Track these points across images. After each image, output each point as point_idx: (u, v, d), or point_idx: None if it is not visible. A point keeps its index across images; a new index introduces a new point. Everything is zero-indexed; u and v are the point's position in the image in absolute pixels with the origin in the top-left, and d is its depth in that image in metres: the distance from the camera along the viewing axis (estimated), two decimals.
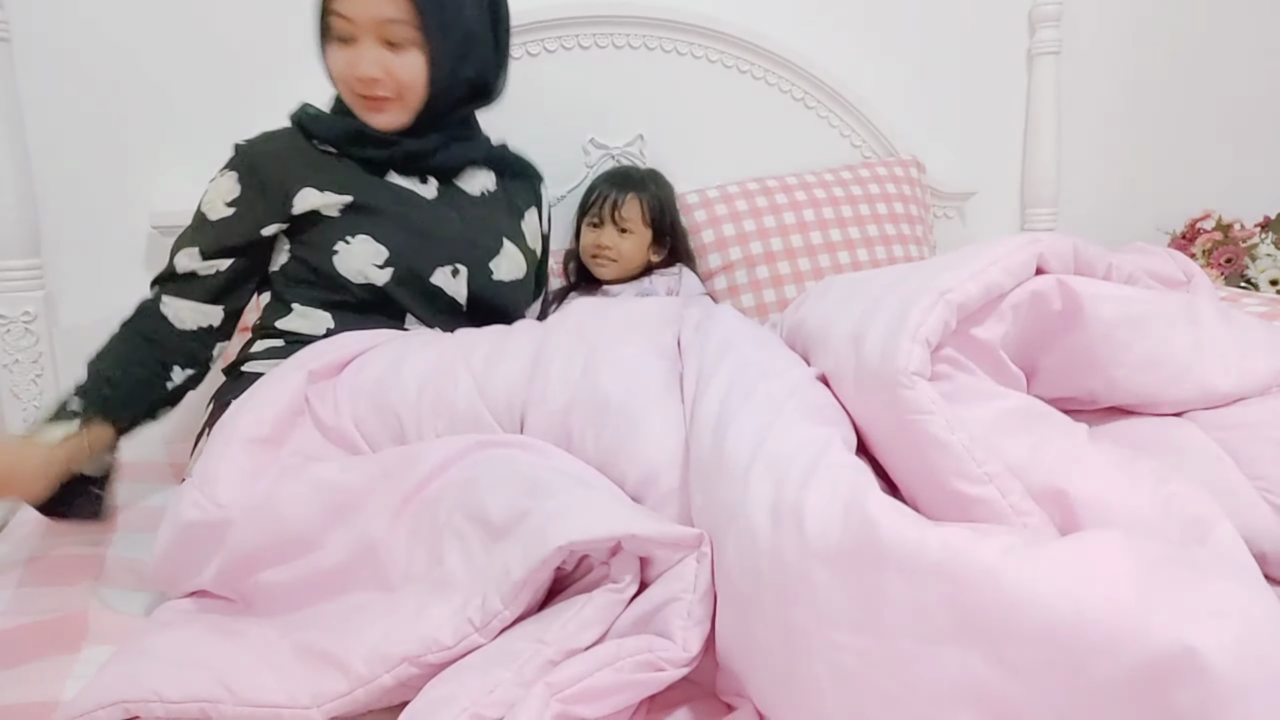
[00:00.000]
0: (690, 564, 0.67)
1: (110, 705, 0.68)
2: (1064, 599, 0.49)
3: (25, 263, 1.45)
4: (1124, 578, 0.50)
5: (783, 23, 1.85)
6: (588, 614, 0.66)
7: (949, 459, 0.65)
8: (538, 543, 0.67)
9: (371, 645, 0.68)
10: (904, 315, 0.70)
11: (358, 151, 1.20)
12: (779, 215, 1.72)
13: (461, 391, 0.91)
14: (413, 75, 1.15)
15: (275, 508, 0.81)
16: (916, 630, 0.53)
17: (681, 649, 0.65)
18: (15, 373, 1.45)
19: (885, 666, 0.54)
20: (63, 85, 1.49)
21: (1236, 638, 0.46)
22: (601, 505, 0.71)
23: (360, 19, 1.12)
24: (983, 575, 0.51)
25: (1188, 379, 0.76)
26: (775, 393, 0.75)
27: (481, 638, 0.67)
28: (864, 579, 0.56)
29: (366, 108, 1.18)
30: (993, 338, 0.74)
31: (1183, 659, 0.45)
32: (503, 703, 0.61)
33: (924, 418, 0.66)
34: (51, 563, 0.98)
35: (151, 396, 1.14)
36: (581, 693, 0.61)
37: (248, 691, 0.67)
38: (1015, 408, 0.71)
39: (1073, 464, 0.66)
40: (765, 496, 0.64)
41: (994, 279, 0.72)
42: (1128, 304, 0.76)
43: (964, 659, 0.51)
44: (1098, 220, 2.19)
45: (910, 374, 0.67)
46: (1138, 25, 2.15)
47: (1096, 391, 0.80)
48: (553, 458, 0.82)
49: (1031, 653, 0.49)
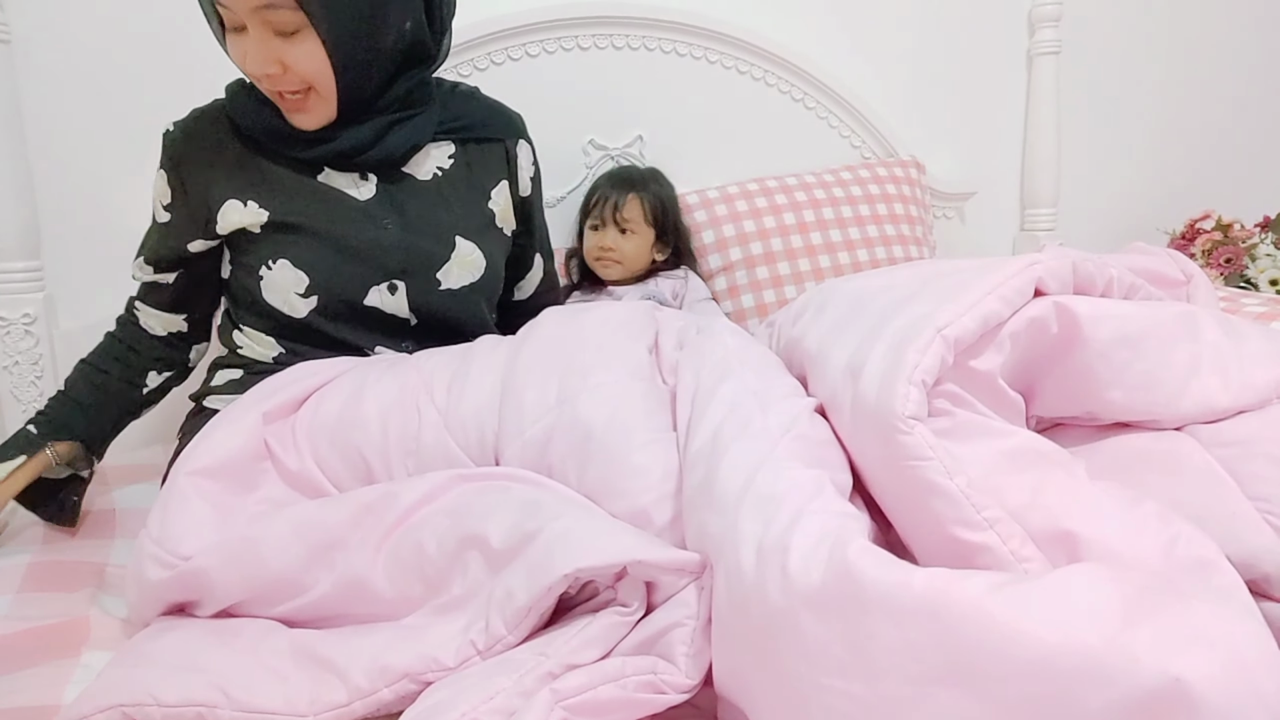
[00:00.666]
0: (692, 591, 0.67)
1: (108, 709, 0.69)
2: (1051, 632, 0.49)
3: (25, 265, 1.45)
4: (1109, 608, 0.50)
5: (783, 24, 1.85)
6: (591, 632, 0.66)
7: (948, 506, 0.64)
8: (544, 569, 0.67)
9: (371, 656, 0.68)
10: (900, 354, 0.69)
11: (286, 150, 1.08)
12: (779, 216, 1.72)
13: (427, 426, 0.86)
14: (313, 64, 0.98)
15: (256, 551, 0.78)
16: (906, 672, 0.52)
17: (684, 675, 0.64)
18: (15, 375, 1.45)
19: (879, 709, 0.53)
20: (63, 85, 1.49)
21: (1224, 665, 0.46)
22: (606, 530, 0.71)
23: (237, 6, 0.95)
24: (970, 612, 0.51)
25: (1186, 396, 0.75)
26: (771, 427, 0.73)
27: (483, 660, 0.67)
28: (850, 623, 0.55)
29: (286, 108, 1.04)
30: (991, 368, 0.73)
31: (1171, 690, 0.46)
32: (502, 710, 0.61)
33: (922, 464, 0.65)
34: (52, 568, 0.98)
35: (123, 404, 1.16)
36: (585, 704, 0.61)
37: (245, 697, 0.68)
38: (1015, 447, 0.70)
39: (1074, 506, 0.65)
40: (753, 534, 0.63)
41: (991, 309, 0.71)
42: (1125, 322, 0.75)
43: (955, 699, 0.51)
44: (1098, 220, 2.20)
45: (907, 418, 0.66)
46: (1138, 25, 2.15)
47: (1096, 411, 0.79)
48: (546, 488, 0.80)
49: (1021, 689, 0.49)
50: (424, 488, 0.79)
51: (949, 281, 0.76)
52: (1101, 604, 0.50)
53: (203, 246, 1.11)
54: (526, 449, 0.83)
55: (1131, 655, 0.47)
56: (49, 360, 1.47)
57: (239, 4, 0.95)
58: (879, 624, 0.54)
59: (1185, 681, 0.45)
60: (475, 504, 0.76)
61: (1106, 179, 2.20)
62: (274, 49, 0.97)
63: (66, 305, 1.52)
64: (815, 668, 0.56)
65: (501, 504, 0.75)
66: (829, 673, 0.55)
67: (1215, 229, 1.97)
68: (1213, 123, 2.26)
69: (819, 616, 0.56)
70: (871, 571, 0.55)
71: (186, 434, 1.09)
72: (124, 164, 1.53)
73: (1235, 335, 0.79)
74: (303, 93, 1.02)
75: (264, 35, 0.97)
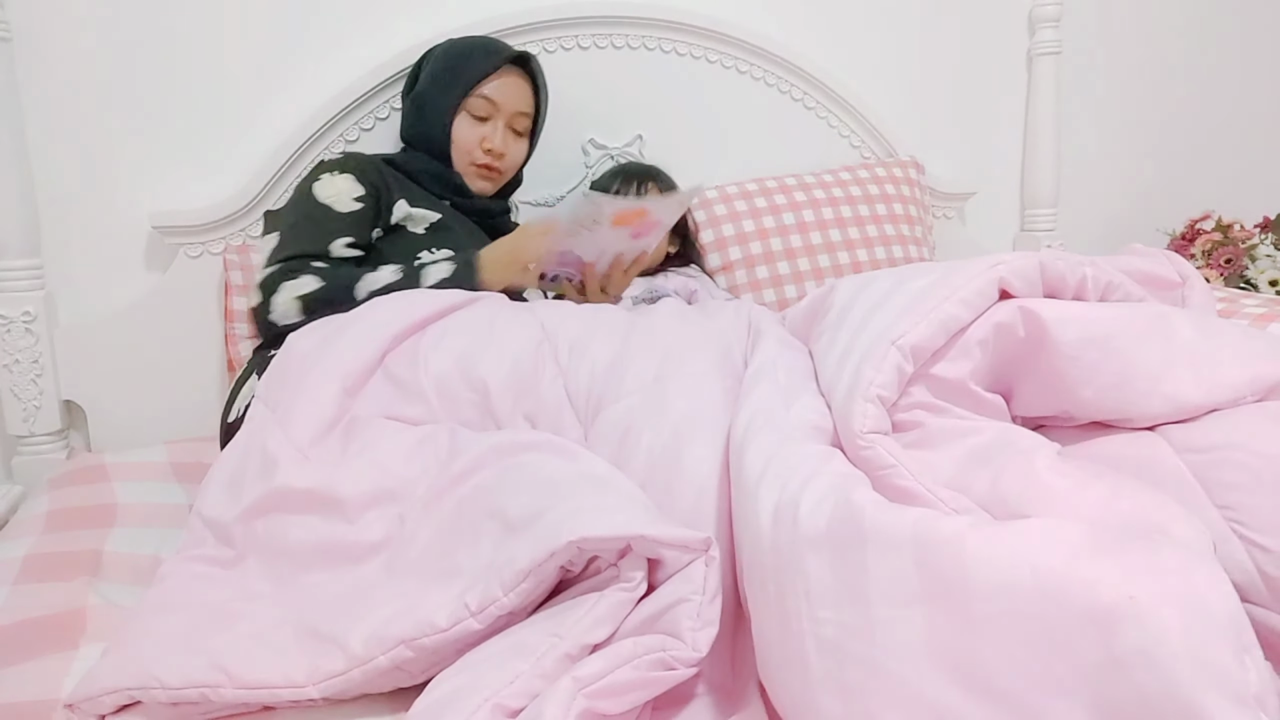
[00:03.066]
0: (699, 567, 0.69)
1: (114, 691, 0.70)
2: (1021, 559, 0.53)
3: (25, 262, 1.45)
4: (1073, 542, 0.53)
5: (783, 24, 1.85)
6: (600, 611, 0.68)
7: (920, 503, 0.67)
8: (549, 536, 0.69)
9: (372, 628, 0.69)
10: (858, 373, 0.74)
11: (442, 195, 1.43)
12: (778, 216, 1.72)
13: (548, 381, 0.97)
14: (520, 158, 1.49)
15: (331, 480, 0.87)
16: (891, 596, 0.57)
17: (691, 649, 0.66)
18: (15, 373, 1.45)
19: (863, 634, 0.58)
20: (63, 85, 1.50)
21: (1178, 592, 0.49)
22: (615, 506, 0.73)
23: (504, 106, 1.41)
24: (949, 541, 0.56)
25: (1157, 393, 0.75)
26: (791, 419, 0.79)
27: (477, 623, 0.68)
28: (848, 558, 0.60)
29: (478, 175, 1.44)
30: (961, 375, 0.76)
31: (1126, 606, 0.49)
32: (525, 693, 0.62)
33: (886, 471, 0.70)
34: (49, 559, 0.98)
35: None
36: (605, 688, 0.62)
37: (245, 674, 0.69)
38: (984, 443, 0.73)
39: (1026, 490, 0.67)
40: (770, 501, 0.68)
41: (949, 313, 0.74)
42: (1091, 325, 0.76)
43: (930, 615, 0.55)
44: (1097, 220, 2.20)
45: (866, 434, 0.71)
46: (1138, 25, 2.16)
47: (1070, 411, 0.80)
48: (580, 461, 0.85)
49: (989, 607, 0.53)
50: (477, 452, 0.86)
51: (916, 285, 0.79)
52: (1067, 539, 0.54)
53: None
54: (617, 413, 0.92)
55: (1091, 578, 0.51)
56: (49, 358, 1.47)
57: (508, 106, 1.42)
58: (872, 556, 0.59)
59: (1139, 600, 0.49)
60: (507, 481, 0.81)
61: (1106, 179, 2.21)
62: (507, 141, 1.44)
63: (66, 303, 1.52)
64: (814, 603, 0.60)
65: (527, 483, 0.79)
66: (825, 606, 0.60)
67: (1215, 230, 1.97)
68: (1213, 123, 2.26)
69: (820, 556, 0.61)
70: (869, 509, 0.61)
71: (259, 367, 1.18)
72: (123, 163, 1.54)
73: (1210, 334, 0.79)
74: (498, 172, 1.46)
75: (505, 131, 1.43)
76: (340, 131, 1.58)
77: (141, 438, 1.48)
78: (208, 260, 1.53)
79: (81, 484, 1.23)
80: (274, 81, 1.59)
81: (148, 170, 1.55)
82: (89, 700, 0.70)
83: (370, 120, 1.59)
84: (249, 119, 1.58)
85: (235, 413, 1.16)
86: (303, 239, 1.25)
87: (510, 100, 1.41)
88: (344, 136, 1.58)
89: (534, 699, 0.62)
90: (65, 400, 1.50)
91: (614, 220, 1.21)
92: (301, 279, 1.19)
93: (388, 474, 0.87)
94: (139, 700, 0.71)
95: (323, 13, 1.60)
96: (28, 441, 1.48)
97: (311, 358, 1.01)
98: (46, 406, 1.47)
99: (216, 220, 1.52)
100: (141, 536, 1.07)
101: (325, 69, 1.59)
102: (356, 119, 1.58)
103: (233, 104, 1.58)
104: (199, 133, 1.57)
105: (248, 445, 0.94)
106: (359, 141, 1.59)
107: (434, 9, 1.63)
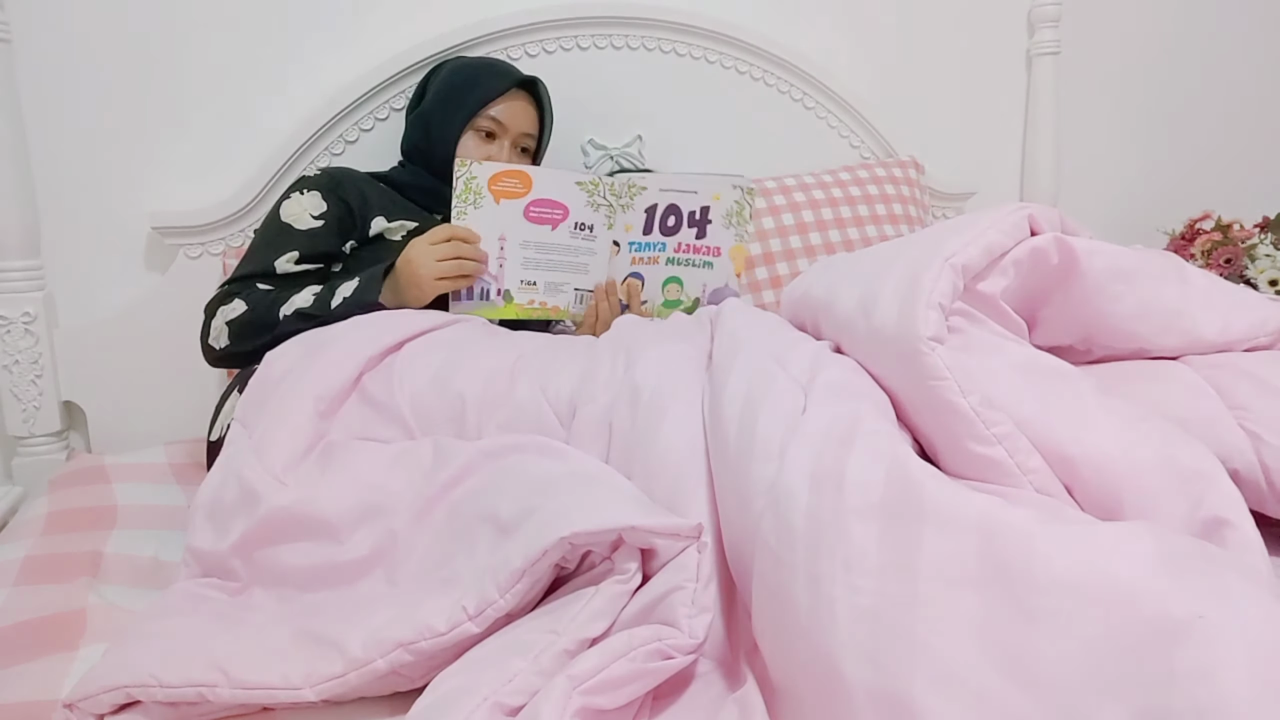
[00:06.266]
0: (692, 554, 0.69)
1: (113, 689, 0.70)
2: (1091, 562, 0.54)
3: (25, 263, 1.45)
4: (1149, 556, 0.54)
5: (783, 24, 1.85)
6: (597, 605, 0.68)
7: (961, 422, 0.71)
8: (540, 535, 0.69)
9: (371, 632, 0.69)
10: (915, 282, 0.76)
11: (439, 210, 1.43)
12: (778, 217, 1.72)
13: (524, 388, 0.98)
14: None
15: (313, 495, 0.87)
16: (945, 575, 0.57)
17: (688, 636, 0.66)
18: (15, 373, 1.45)
19: (904, 604, 0.58)
20: (63, 85, 1.50)
21: (1246, 619, 0.49)
22: (604, 500, 0.73)
23: (512, 128, 1.44)
24: (1017, 533, 0.57)
25: (1176, 327, 0.84)
26: (796, 376, 0.80)
27: (475, 626, 0.68)
28: (900, 531, 0.60)
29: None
30: (995, 290, 0.81)
31: (1194, 623, 0.49)
32: (523, 690, 0.62)
33: (939, 383, 0.72)
34: (49, 560, 0.98)
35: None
36: (601, 684, 0.62)
37: (243, 674, 0.69)
38: (1024, 362, 0.77)
39: (1079, 421, 0.71)
40: (804, 466, 0.68)
41: (993, 240, 0.79)
42: (1118, 258, 0.84)
43: (986, 601, 0.55)
44: (1097, 220, 2.19)
45: (928, 340, 0.73)
46: (1138, 25, 2.16)
47: (1091, 339, 0.88)
48: (569, 459, 0.85)
49: (1051, 603, 0.53)
50: (466, 458, 0.86)
51: (947, 227, 0.84)
52: (1140, 552, 0.54)
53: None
54: (596, 413, 0.93)
55: (1162, 590, 0.51)
56: (49, 359, 1.47)
57: (515, 128, 1.44)
58: (929, 533, 0.59)
59: (1209, 620, 0.49)
60: (497, 484, 0.81)
61: (1106, 179, 2.21)
62: (513, 159, 1.46)
63: (66, 304, 1.53)
64: (852, 570, 0.61)
65: (517, 485, 0.79)
66: (865, 574, 0.60)
67: (1215, 229, 1.97)
68: (1213, 123, 2.26)
69: (868, 526, 0.62)
70: (931, 486, 0.62)
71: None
72: (123, 163, 1.54)
73: (1218, 282, 0.90)
74: None
75: (511, 149, 1.46)
76: (340, 132, 1.58)
77: (141, 439, 1.48)
78: (208, 261, 1.53)
79: (81, 485, 1.23)
80: (274, 82, 1.59)
81: (148, 171, 1.55)
82: (87, 699, 0.70)
83: (370, 121, 1.59)
84: (249, 120, 1.59)
85: (217, 431, 1.17)
86: (254, 259, 1.29)
87: (516, 123, 1.44)
88: (344, 137, 1.58)
89: (533, 696, 0.62)
90: (65, 401, 1.50)
91: (491, 187, 1.22)
92: (233, 303, 1.23)
93: (371, 489, 0.87)
94: (138, 700, 0.71)
95: (323, 13, 1.60)
96: (28, 443, 1.48)
97: (288, 380, 1.01)
98: (46, 407, 1.47)
99: (216, 221, 1.53)
100: (141, 538, 1.06)
101: (325, 69, 1.60)
102: (356, 119, 1.58)
103: (233, 105, 1.58)
104: (199, 133, 1.57)
105: (225, 473, 0.93)
106: (359, 142, 1.59)
107: (434, 10, 1.64)
